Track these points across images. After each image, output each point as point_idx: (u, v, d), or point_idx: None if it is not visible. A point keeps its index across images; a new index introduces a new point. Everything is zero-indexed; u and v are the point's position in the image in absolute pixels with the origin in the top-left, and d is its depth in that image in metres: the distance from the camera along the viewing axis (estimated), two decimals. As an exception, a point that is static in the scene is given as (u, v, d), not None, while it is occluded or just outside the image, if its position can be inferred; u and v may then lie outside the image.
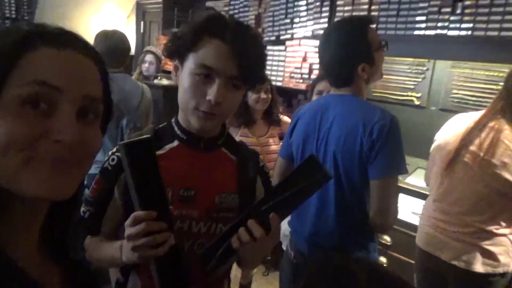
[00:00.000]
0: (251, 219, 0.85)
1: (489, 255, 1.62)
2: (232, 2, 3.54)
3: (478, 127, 1.64)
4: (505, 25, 1.96)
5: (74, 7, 4.86)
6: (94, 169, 0.73)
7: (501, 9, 1.97)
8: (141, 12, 5.53)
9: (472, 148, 1.61)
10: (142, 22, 5.51)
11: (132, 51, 5.69)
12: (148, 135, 0.85)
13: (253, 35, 0.93)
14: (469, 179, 1.62)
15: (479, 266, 1.62)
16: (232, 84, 0.90)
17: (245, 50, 0.88)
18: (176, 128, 1.01)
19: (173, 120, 1.03)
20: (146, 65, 3.76)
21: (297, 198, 0.86)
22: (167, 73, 4.04)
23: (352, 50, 1.40)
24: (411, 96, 2.77)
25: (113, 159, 0.99)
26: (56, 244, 0.60)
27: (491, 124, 1.62)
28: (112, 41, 2.32)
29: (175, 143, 1.00)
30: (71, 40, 0.53)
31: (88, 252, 1.02)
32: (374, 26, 1.53)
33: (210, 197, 0.99)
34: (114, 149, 1.01)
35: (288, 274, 1.63)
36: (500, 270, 1.63)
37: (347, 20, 1.59)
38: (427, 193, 1.92)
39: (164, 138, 1.01)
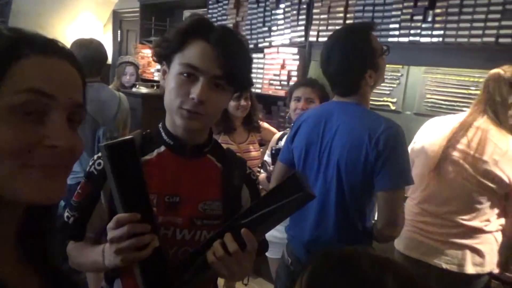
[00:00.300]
0: (228, 232, 0.83)
1: (478, 255, 1.66)
2: (210, 11, 3.56)
3: (464, 127, 1.69)
4: (474, 32, 2.04)
5: (49, 16, 4.78)
6: (69, 180, 0.72)
7: (469, 17, 2.05)
8: (118, 21, 5.49)
9: (461, 147, 1.66)
10: (119, 31, 5.47)
11: (109, 60, 5.65)
12: (131, 136, 0.85)
13: (238, 39, 0.96)
14: (462, 178, 1.66)
15: (470, 267, 1.65)
16: (216, 84, 0.92)
17: (229, 51, 0.90)
18: (163, 133, 1.01)
19: (160, 125, 1.03)
20: (127, 77, 3.75)
21: (277, 214, 0.83)
22: (145, 81, 4.02)
23: (359, 59, 1.41)
24: (387, 101, 2.83)
25: (99, 163, 0.99)
26: (34, 252, 0.59)
27: (476, 124, 1.68)
28: (89, 50, 2.29)
29: (162, 148, 1.00)
30: (58, 48, 0.54)
31: (70, 257, 1.01)
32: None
33: (194, 205, 0.98)
34: (100, 153, 0.99)
35: (285, 281, 1.61)
36: (488, 269, 1.68)
37: (349, 29, 1.58)
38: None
39: (152, 143, 1.01)
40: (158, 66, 4.21)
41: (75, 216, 1.00)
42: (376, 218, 1.38)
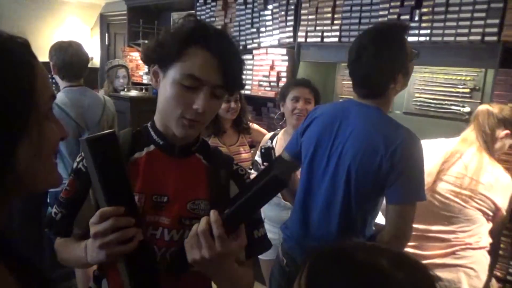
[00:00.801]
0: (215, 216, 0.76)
1: (472, 275, 1.68)
2: (198, 13, 3.54)
3: (460, 151, 1.77)
4: (460, 31, 2.06)
5: (36, 20, 4.73)
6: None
7: (455, 16, 2.07)
8: (105, 24, 5.45)
9: (458, 170, 1.73)
10: (106, 34, 5.43)
11: (97, 63, 5.60)
12: (112, 130, 0.87)
13: (232, 43, 0.95)
14: (459, 199, 1.70)
15: None
16: (215, 92, 0.92)
17: (228, 60, 0.91)
18: (152, 133, 1.01)
19: (149, 124, 1.03)
20: (121, 80, 3.72)
21: (252, 202, 0.75)
22: (134, 85, 3.98)
23: (392, 61, 1.34)
24: (376, 100, 2.85)
25: None
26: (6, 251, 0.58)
27: (470, 150, 1.76)
28: (67, 53, 2.22)
29: (151, 147, 1.00)
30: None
31: (58, 253, 1.03)
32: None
33: (182, 204, 0.97)
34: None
35: (280, 281, 1.59)
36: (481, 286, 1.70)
37: (384, 28, 1.45)
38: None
39: (141, 141, 1.01)
40: (147, 69, 4.18)
41: (62, 212, 1.01)
42: (384, 229, 1.34)
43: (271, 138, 2.31)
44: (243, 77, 1.04)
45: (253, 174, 2.27)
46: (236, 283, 0.93)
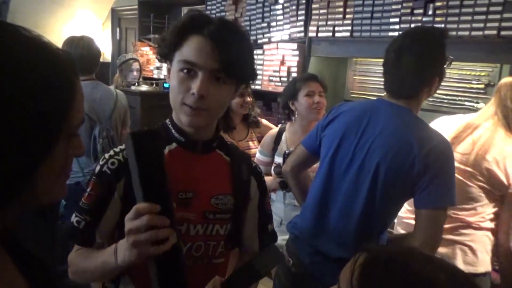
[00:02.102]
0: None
1: (469, 252, 1.63)
2: (208, 7, 3.53)
3: (472, 127, 1.69)
4: (475, 25, 2.01)
5: (47, 15, 4.76)
6: (68, 180, 0.72)
7: (470, 10, 2.02)
8: (116, 18, 5.46)
9: (464, 146, 1.65)
10: (118, 29, 5.45)
11: (109, 58, 5.63)
12: (157, 127, 0.88)
13: (236, 30, 0.95)
14: (461, 176, 1.63)
15: (461, 266, 1.61)
16: (216, 77, 0.92)
17: (224, 43, 0.90)
18: (173, 130, 1.01)
19: (167, 121, 1.03)
20: (135, 73, 3.73)
21: (239, 281, 0.86)
22: (145, 79, 4.00)
23: (433, 64, 1.35)
24: (387, 96, 2.81)
25: (112, 163, 0.96)
26: (21, 253, 0.59)
27: (485, 124, 1.68)
28: (79, 48, 2.25)
29: (173, 145, 1.00)
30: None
31: (72, 265, 0.97)
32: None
33: (206, 199, 1.00)
34: (112, 152, 0.98)
35: (285, 282, 1.56)
36: (482, 269, 1.64)
37: (427, 31, 1.45)
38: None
39: (162, 140, 0.99)
40: (158, 64, 4.19)
41: (86, 219, 0.95)
42: (414, 235, 1.32)
43: (279, 136, 2.27)
44: (253, 65, 1.02)
45: (270, 177, 2.20)
46: None
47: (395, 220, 1.79)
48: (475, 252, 1.63)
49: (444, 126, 1.76)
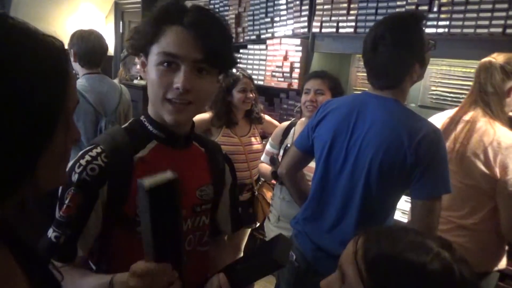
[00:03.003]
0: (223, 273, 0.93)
1: (466, 253, 1.57)
2: (212, 2, 3.51)
3: (453, 122, 1.64)
4: (480, 23, 2.00)
5: (50, 7, 4.74)
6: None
7: (476, 7, 2.01)
8: (119, 12, 5.44)
9: (447, 143, 1.59)
10: (121, 22, 5.42)
11: (111, 51, 5.61)
12: (175, 176, 0.72)
13: (214, 18, 0.91)
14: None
15: None
16: (198, 69, 0.88)
17: (206, 32, 0.86)
18: (150, 127, 0.97)
19: (142, 118, 0.99)
20: (138, 67, 3.68)
21: (250, 276, 0.92)
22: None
23: (410, 50, 1.31)
24: (391, 93, 2.80)
25: (92, 169, 0.87)
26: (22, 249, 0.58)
27: (465, 117, 1.62)
28: (90, 41, 2.28)
29: (154, 143, 0.96)
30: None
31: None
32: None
33: (193, 194, 1.00)
34: (88, 157, 0.88)
35: (288, 278, 1.56)
36: (482, 269, 1.60)
37: (400, 18, 1.43)
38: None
39: (139, 138, 0.96)
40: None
41: (66, 233, 0.86)
42: (412, 225, 1.31)
43: (288, 129, 2.28)
44: (250, 68, 1.02)
45: (268, 166, 2.23)
46: None
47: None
48: (473, 253, 1.57)
49: (435, 123, 1.74)
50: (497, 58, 1.62)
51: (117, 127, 1.02)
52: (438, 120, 1.73)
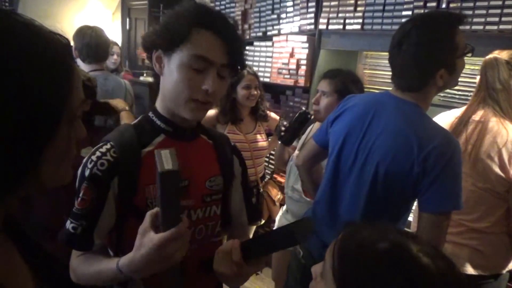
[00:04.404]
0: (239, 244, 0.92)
1: (479, 256, 1.56)
2: (218, -2, 3.51)
3: (463, 122, 1.60)
4: (490, 19, 1.96)
5: (58, 5, 4.78)
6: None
7: (485, 3, 1.97)
8: (126, 9, 5.46)
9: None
10: (127, 19, 5.44)
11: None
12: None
13: (233, 24, 0.97)
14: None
15: (470, 268, 1.56)
16: (220, 73, 0.94)
17: (232, 39, 0.93)
18: (158, 122, 1.02)
19: (150, 114, 1.04)
20: (115, 57, 3.62)
21: (267, 246, 0.90)
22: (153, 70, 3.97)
23: (434, 53, 1.23)
24: (398, 91, 2.77)
25: (102, 164, 0.94)
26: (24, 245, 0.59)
27: (475, 117, 1.58)
28: (91, 37, 2.30)
29: (161, 137, 1.01)
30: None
31: (75, 271, 0.95)
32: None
33: (202, 184, 1.04)
34: (99, 153, 0.95)
35: (295, 274, 1.56)
36: (493, 272, 1.58)
37: (431, 16, 1.33)
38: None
39: (148, 133, 1.01)
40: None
41: (83, 225, 0.94)
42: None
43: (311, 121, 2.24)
44: (256, 65, 1.06)
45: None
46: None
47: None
48: (486, 256, 1.55)
49: (440, 122, 1.71)
50: (501, 54, 1.59)
51: (126, 124, 1.07)
52: (445, 119, 1.69)
